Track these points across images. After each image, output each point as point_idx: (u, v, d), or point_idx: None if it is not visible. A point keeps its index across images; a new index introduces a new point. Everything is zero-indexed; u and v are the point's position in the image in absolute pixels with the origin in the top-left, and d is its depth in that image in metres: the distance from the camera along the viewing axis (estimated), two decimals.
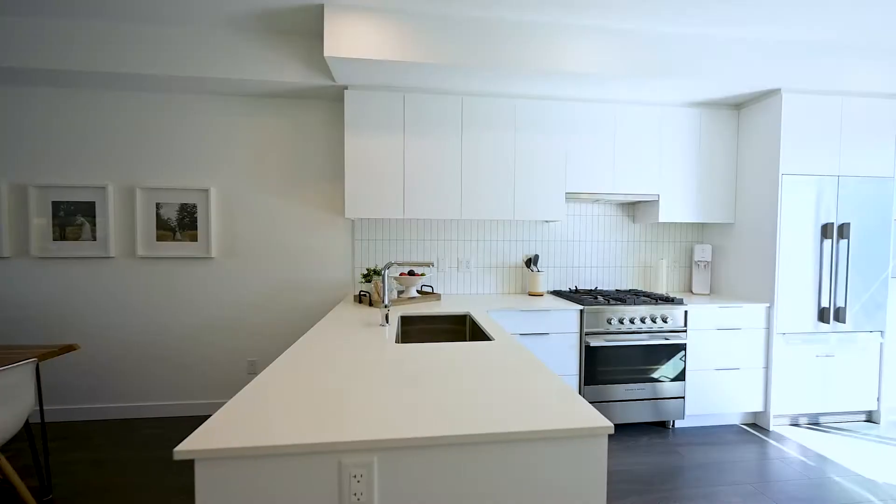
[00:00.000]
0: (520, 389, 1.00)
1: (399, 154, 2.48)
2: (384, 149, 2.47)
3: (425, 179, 2.51)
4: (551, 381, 1.06)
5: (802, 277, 2.51)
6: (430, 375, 1.11)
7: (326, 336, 1.58)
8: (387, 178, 2.48)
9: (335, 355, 1.31)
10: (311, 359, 1.27)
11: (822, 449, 2.30)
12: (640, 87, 2.43)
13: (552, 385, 1.03)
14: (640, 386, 2.42)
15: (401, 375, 1.11)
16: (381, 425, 0.80)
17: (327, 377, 1.10)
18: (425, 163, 2.51)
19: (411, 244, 2.85)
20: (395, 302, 2.34)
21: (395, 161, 2.48)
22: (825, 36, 2.35)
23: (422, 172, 2.50)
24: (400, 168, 2.48)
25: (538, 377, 1.09)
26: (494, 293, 2.91)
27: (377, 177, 2.47)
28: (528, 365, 1.20)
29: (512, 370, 1.15)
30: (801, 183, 2.48)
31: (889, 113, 2.55)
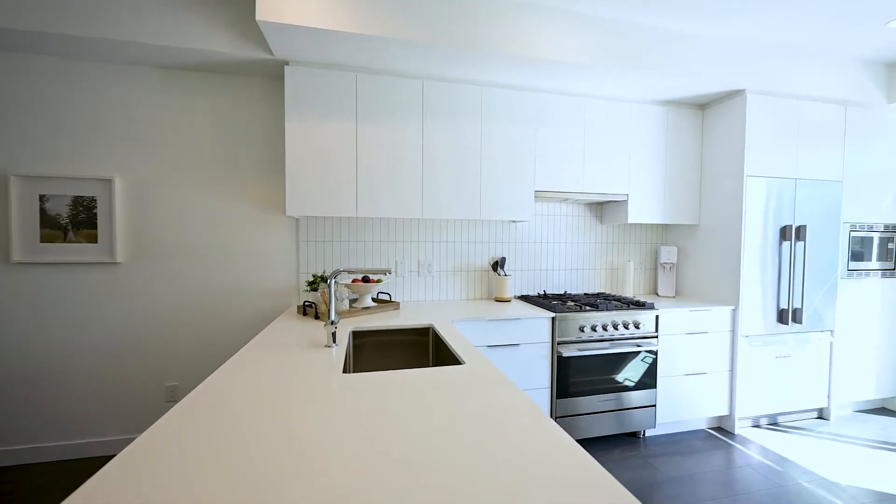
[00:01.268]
0: (509, 449, 0.75)
1: (351, 143, 2.16)
2: (333, 137, 2.13)
3: (381, 173, 2.21)
4: (549, 431, 0.82)
5: (764, 279, 2.51)
6: (386, 424, 0.83)
7: (257, 361, 1.24)
8: (336, 171, 2.15)
9: (264, 391, 0.99)
10: (230, 397, 0.94)
11: (786, 452, 2.29)
12: (611, 79, 2.30)
13: (553, 439, 0.79)
14: (612, 396, 2.29)
15: (346, 425, 0.83)
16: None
17: (244, 428, 0.79)
18: (381, 154, 2.20)
19: (366, 246, 2.53)
20: (347, 313, 2.02)
21: (346, 151, 2.15)
22: (787, 38, 2.35)
23: (377, 165, 2.20)
24: (352, 160, 2.16)
25: (532, 426, 0.85)
26: (459, 299, 2.67)
27: (325, 169, 2.13)
28: (514, 403, 0.96)
29: (494, 413, 0.90)
30: (763, 185, 2.48)
31: (839, 118, 2.62)
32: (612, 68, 2.15)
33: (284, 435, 0.80)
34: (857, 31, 2.27)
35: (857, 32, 2.29)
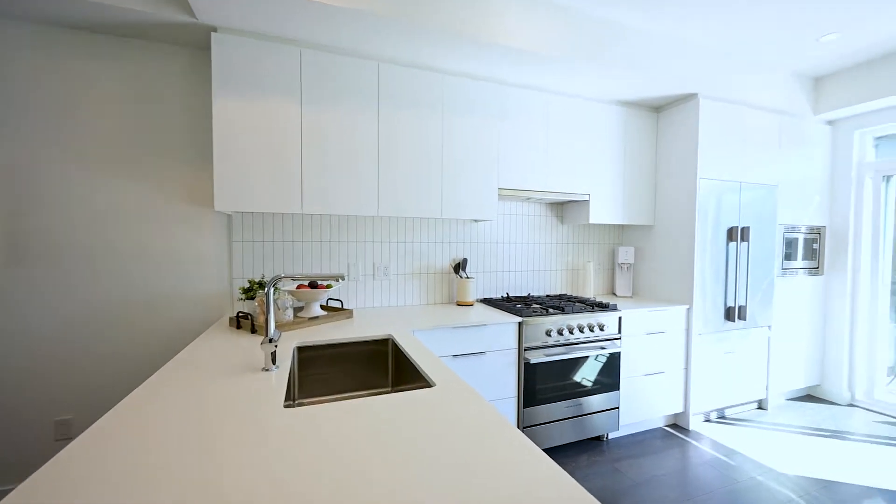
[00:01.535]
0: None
1: (294, 128, 1.87)
2: (273, 120, 1.84)
3: (331, 164, 1.95)
4: (556, 485, 0.66)
5: (713, 278, 2.60)
6: (342, 482, 0.62)
7: (175, 388, 0.95)
8: (277, 160, 1.85)
9: (181, 428, 0.72)
10: (135, 436, 0.66)
11: (737, 445, 2.37)
12: (574, 73, 2.23)
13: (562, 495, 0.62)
14: (578, 401, 2.23)
15: (286, 485, 0.60)
16: None
17: (152, 476, 0.53)
18: (331, 143, 1.94)
19: (313, 247, 2.25)
20: (291, 325, 1.74)
21: (288, 137, 1.87)
22: (735, 48, 2.44)
23: (327, 155, 1.94)
24: (296, 147, 1.88)
25: (533, 475, 0.68)
26: (418, 304, 2.47)
27: (263, 157, 1.83)
28: (506, 441, 0.78)
29: (480, 457, 0.72)
30: (713, 187, 2.56)
31: (775, 127, 2.80)
32: (575, 61, 2.08)
33: (201, 489, 0.56)
34: (794, 44, 2.41)
35: (793, 46, 2.43)
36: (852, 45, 2.43)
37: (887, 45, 2.45)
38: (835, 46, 2.44)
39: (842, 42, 2.39)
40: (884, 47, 2.47)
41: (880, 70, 2.58)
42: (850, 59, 2.62)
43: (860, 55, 2.56)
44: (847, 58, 2.59)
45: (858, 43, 2.41)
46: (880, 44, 2.42)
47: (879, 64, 2.58)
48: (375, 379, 1.66)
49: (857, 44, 2.42)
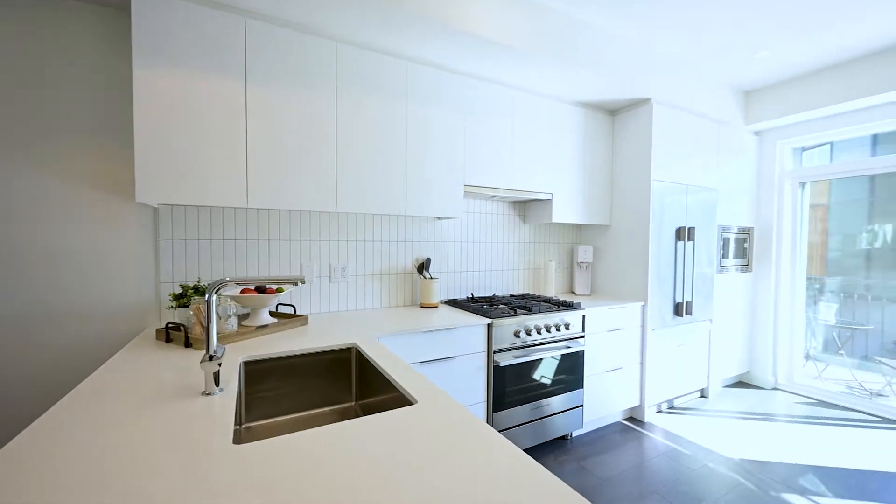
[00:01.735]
0: None
1: (238, 111, 1.63)
2: (210, 98, 1.58)
3: (283, 152, 1.73)
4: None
5: (664, 276, 2.72)
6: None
7: (85, 428, 0.72)
8: (216, 145, 1.60)
9: (90, 491, 0.53)
10: (34, 487, 0.46)
11: (688, 434, 2.49)
12: (538, 68, 2.21)
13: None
14: (546, 402, 2.20)
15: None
16: None
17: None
18: (283, 129, 1.73)
19: (260, 247, 2.00)
20: (235, 335, 1.50)
21: (230, 120, 1.62)
22: (684, 57, 2.58)
23: (277, 142, 1.71)
24: (240, 131, 1.64)
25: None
26: (379, 307, 2.30)
27: (198, 142, 1.57)
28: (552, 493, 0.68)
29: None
30: (664, 189, 2.69)
31: (715, 134, 3.01)
32: (541, 57, 2.05)
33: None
34: (732, 58, 2.60)
35: (732, 60, 2.62)
36: (778, 63, 2.67)
37: (804, 67, 2.73)
38: (765, 63, 2.67)
39: (770, 59, 2.61)
40: (802, 68, 2.75)
41: (798, 88, 2.87)
42: (775, 77, 2.89)
43: (784, 73, 2.83)
44: (773, 74, 2.86)
45: (783, 61, 2.66)
46: (800, 64, 2.69)
47: (798, 82, 2.88)
48: (337, 393, 1.49)
49: (782, 62, 2.67)
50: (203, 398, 0.96)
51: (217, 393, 0.99)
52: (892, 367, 3.33)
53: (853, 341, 3.76)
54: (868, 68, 2.54)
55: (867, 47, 2.46)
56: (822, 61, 2.65)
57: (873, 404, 2.88)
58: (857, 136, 3.01)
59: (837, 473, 2.09)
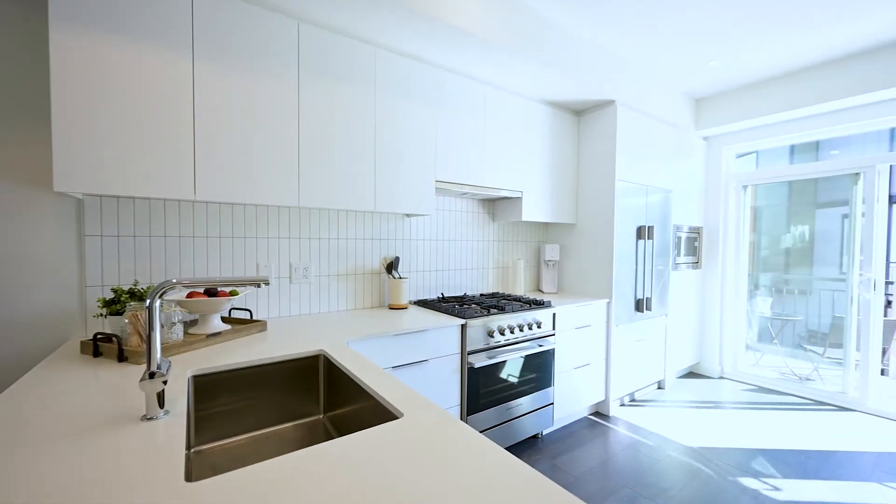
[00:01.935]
0: None
1: (184, 89, 1.44)
2: (149, 74, 1.38)
3: (237, 140, 1.55)
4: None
5: (626, 273, 2.81)
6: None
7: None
8: (156, 129, 1.39)
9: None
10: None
11: (650, 425, 2.58)
12: (513, 65, 2.18)
13: None
14: (518, 402, 2.18)
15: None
16: None
17: None
18: (237, 113, 1.55)
19: (209, 245, 1.79)
20: (181, 346, 1.31)
21: (174, 100, 1.42)
22: (646, 64, 2.67)
23: (231, 128, 1.53)
24: (186, 115, 1.44)
25: None
26: (345, 310, 2.16)
27: (133, 123, 1.36)
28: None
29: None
30: (626, 189, 2.77)
31: (671, 138, 3.16)
32: (513, 52, 2.02)
33: None
34: (688, 66, 2.74)
35: (687, 68, 2.76)
36: (726, 73, 2.85)
37: (747, 78, 2.94)
38: (715, 73, 2.84)
39: (720, 69, 2.79)
40: (745, 79, 2.96)
41: (741, 98, 3.10)
42: (723, 86, 3.09)
43: (731, 83, 3.03)
44: (721, 84, 3.05)
45: (730, 72, 2.84)
46: (744, 76, 2.89)
47: (741, 93, 3.10)
48: (302, 406, 1.35)
49: (729, 73, 2.85)
50: (144, 424, 0.80)
51: (161, 417, 0.83)
52: (819, 354, 3.69)
53: (783, 332, 4.13)
54: (807, 80, 2.78)
55: (807, 61, 2.68)
56: (765, 73, 2.86)
57: (804, 388, 3.16)
58: (796, 142, 3.29)
59: (781, 455, 2.25)
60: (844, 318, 3.10)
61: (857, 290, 2.91)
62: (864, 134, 2.97)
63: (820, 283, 4.39)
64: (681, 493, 1.90)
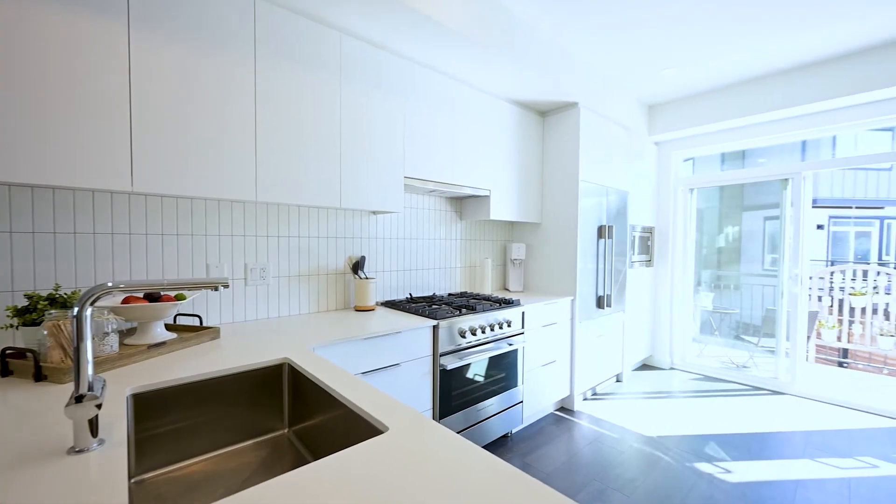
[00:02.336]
0: None
1: (118, 62, 1.25)
2: (76, 41, 1.18)
3: (184, 124, 1.37)
4: None
5: (588, 271, 2.89)
6: None
7: None
8: (82, 107, 1.20)
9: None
10: None
11: (612, 418, 2.68)
12: (481, 61, 2.15)
13: None
14: (489, 402, 2.15)
15: None
16: None
17: None
18: (184, 93, 1.37)
19: (149, 243, 1.58)
20: (117, 360, 1.13)
21: (104, 72, 1.23)
22: (606, 70, 2.76)
23: (177, 110, 1.36)
24: (121, 91, 1.25)
25: None
26: (308, 312, 2.02)
27: (55, 98, 1.15)
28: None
29: None
30: (588, 189, 2.85)
31: (627, 141, 3.30)
32: (481, 46, 1.99)
33: None
34: (644, 74, 2.87)
35: (643, 75, 2.90)
36: (678, 82, 3.03)
37: (694, 89, 3.14)
38: (667, 82, 3.01)
39: (672, 77, 2.95)
40: (693, 90, 3.16)
41: (688, 107, 3.31)
42: (672, 95, 3.28)
43: (680, 92, 3.22)
44: (671, 93, 3.24)
45: (680, 82, 3.02)
46: (692, 86, 3.09)
47: (688, 102, 3.31)
48: (264, 420, 1.22)
49: (680, 82, 3.03)
50: (71, 459, 0.66)
51: (95, 447, 0.69)
52: (754, 344, 4.04)
53: (723, 324, 4.49)
54: (745, 94, 3.02)
55: (745, 75, 2.91)
56: (710, 84, 3.07)
57: (742, 375, 3.44)
58: (735, 150, 3.56)
59: (729, 439, 2.42)
60: (776, 310, 3.41)
61: (786, 284, 3.21)
62: (784, 145, 3.32)
63: (746, 278, 4.84)
64: (645, 482, 1.97)
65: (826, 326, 4.17)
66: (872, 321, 4.01)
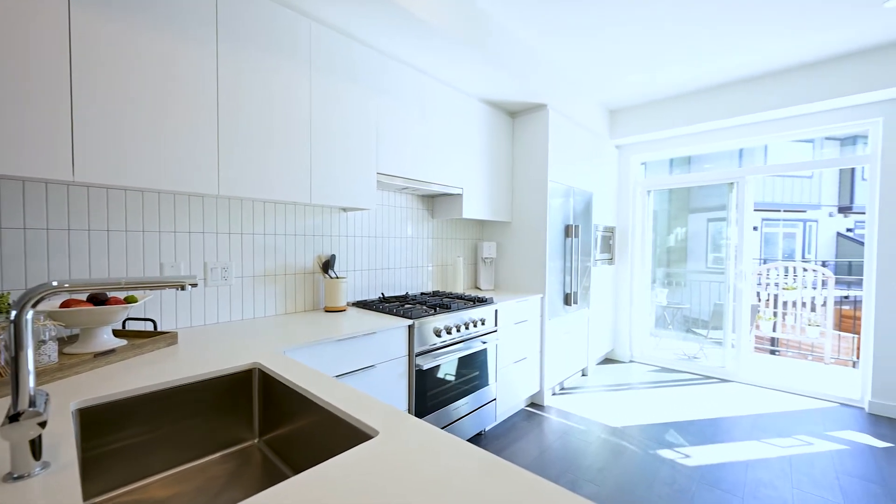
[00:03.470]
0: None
1: (57, 36, 1.11)
2: (5, 5, 1.03)
3: (135, 109, 1.25)
4: None
5: (557, 269, 2.97)
6: None
7: None
8: (16, 82, 1.05)
9: None
10: None
11: (580, 411, 2.76)
12: (455, 57, 2.14)
13: None
14: (463, 401, 2.14)
15: None
16: None
17: None
18: (137, 72, 1.25)
19: (96, 240, 1.42)
20: (57, 371, 1.00)
21: (41, 47, 1.09)
22: (572, 74, 2.85)
23: (127, 93, 1.23)
24: (61, 69, 1.11)
25: None
26: (274, 315, 1.90)
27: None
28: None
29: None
30: (556, 189, 2.93)
31: (591, 143, 3.43)
32: (455, 42, 1.98)
33: None
34: (608, 79, 2.99)
35: (608, 81, 3.02)
36: (638, 89, 3.19)
37: (655, 96, 3.32)
38: (630, 88, 3.16)
39: (634, 84, 3.10)
40: (653, 97, 3.34)
41: (647, 113, 3.49)
42: (632, 101, 3.45)
43: (640, 99, 3.39)
44: (632, 99, 3.40)
45: (641, 89, 3.18)
46: (651, 94, 3.27)
47: (647, 108, 3.50)
48: (231, 430, 1.13)
49: (640, 89, 3.19)
50: (10, 487, 0.56)
51: (38, 472, 0.60)
52: (703, 336, 4.33)
53: (675, 318, 4.78)
54: (696, 102, 3.23)
55: (699, 86, 3.11)
56: (667, 93, 3.26)
57: (694, 365, 3.68)
58: (686, 154, 3.80)
59: (685, 425, 2.57)
60: (723, 304, 3.68)
61: (733, 280, 3.47)
62: (725, 152, 3.61)
63: (692, 275, 5.21)
64: (614, 471, 2.05)
65: (764, 318, 4.56)
66: (801, 313, 4.45)
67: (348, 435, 0.81)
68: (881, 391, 2.73)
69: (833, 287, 4.35)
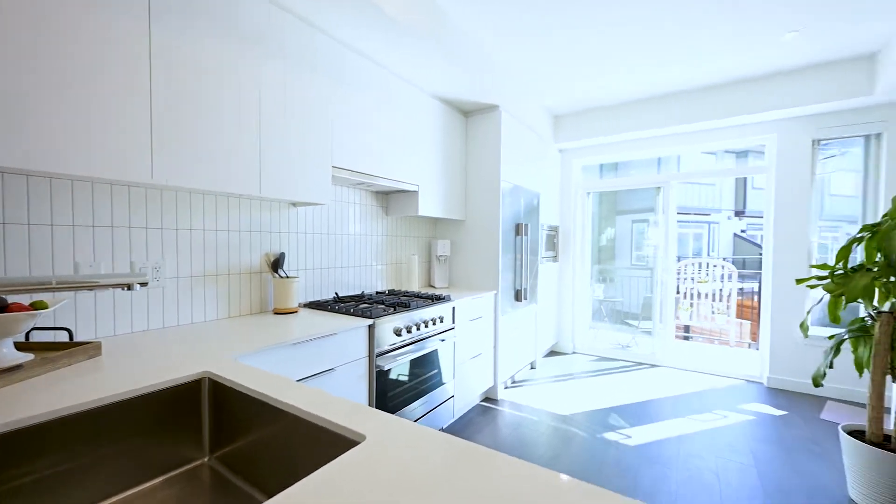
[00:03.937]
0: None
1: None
2: None
3: (47, 78, 1.05)
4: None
5: (508, 267, 3.06)
6: None
7: None
8: None
9: None
10: None
11: (531, 402, 2.87)
12: (415, 51, 2.11)
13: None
14: (423, 399, 2.12)
15: None
16: None
17: None
18: (52, 35, 1.05)
19: (4, 234, 1.17)
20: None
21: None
22: (523, 78, 2.96)
23: (38, 62, 1.03)
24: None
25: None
26: (216, 319, 1.72)
27: None
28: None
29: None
30: (507, 189, 3.02)
31: (537, 146, 3.58)
32: (416, 35, 1.96)
33: None
34: (553, 84, 3.15)
35: (554, 86, 3.18)
36: (579, 97, 3.40)
37: (595, 103, 3.57)
38: (572, 95, 3.35)
39: (579, 91, 3.30)
40: (591, 104, 3.58)
41: (585, 120, 3.74)
42: (574, 108, 3.67)
43: (581, 105, 3.62)
44: (573, 106, 3.62)
45: (583, 96, 3.40)
46: (592, 101, 3.50)
47: (585, 115, 3.74)
48: (175, 449, 0.99)
49: (583, 97, 3.41)
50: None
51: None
52: (635, 327, 4.73)
53: (611, 312, 5.17)
54: (632, 112, 3.52)
55: (635, 96, 3.39)
56: (604, 102, 3.51)
57: (627, 353, 4.02)
58: (615, 160, 4.12)
59: (624, 409, 2.79)
60: (651, 297, 4.06)
61: (660, 275, 3.84)
62: (648, 160, 3.99)
63: (620, 271, 5.70)
64: (566, 457, 2.15)
65: (683, 309, 5.12)
66: (711, 304, 5.07)
67: (327, 441, 0.76)
68: (777, 368, 3.20)
69: (736, 280, 5.01)
